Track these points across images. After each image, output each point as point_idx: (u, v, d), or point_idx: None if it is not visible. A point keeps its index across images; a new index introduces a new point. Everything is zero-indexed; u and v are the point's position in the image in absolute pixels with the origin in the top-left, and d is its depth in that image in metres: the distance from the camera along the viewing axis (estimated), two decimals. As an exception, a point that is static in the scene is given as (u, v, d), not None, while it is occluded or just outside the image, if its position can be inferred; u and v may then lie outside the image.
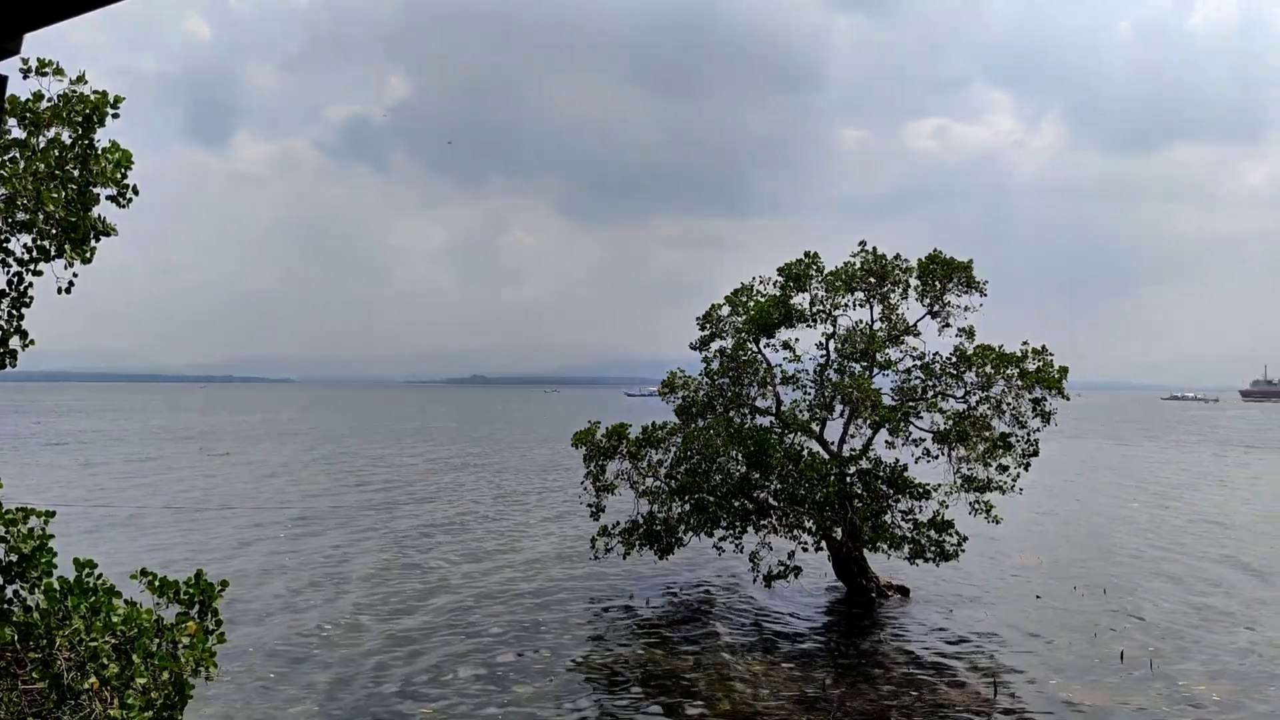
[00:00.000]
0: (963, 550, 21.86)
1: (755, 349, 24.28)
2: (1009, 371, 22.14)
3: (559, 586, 23.77)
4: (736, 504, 21.92)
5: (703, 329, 25.00)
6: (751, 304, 24.37)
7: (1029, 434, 22.09)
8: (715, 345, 24.84)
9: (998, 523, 21.85)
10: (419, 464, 58.19)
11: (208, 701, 14.55)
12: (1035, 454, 22.23)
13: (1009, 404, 22.19)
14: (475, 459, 62.08)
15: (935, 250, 23.78)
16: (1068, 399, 22.21)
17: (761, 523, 22.01)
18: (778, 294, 24.22)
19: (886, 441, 22.27)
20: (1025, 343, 22.43)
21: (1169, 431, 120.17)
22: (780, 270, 24.39)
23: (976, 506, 21.74)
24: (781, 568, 21.49)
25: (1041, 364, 22.06)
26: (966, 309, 23.50)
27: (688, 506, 21.95)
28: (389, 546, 29.10)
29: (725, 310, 24.86)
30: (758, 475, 21.78)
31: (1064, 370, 21.97)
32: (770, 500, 22.01)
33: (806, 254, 24.44)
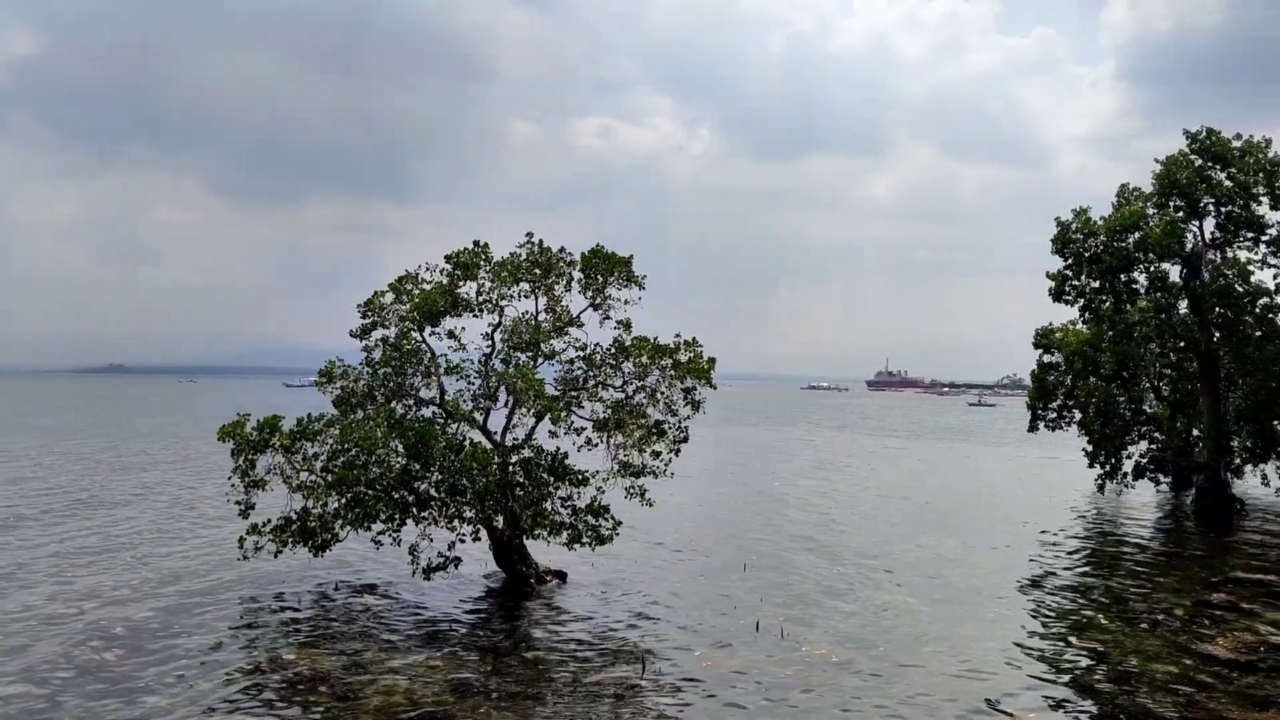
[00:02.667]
0: (618, 534, 22.73)
1: (420, 338, 23.93)
2: (663, 362, 23.27)
3: (203, 589, 22.25)
4: (396, 496, 21.46)
5: (364, 317, 24.33)
6: (417, 292, 23.99)
7: (680, 421, 23.40)
8: (378, 334, 24.26)
9: (651, 505, 22.91)
10: (43, 460, 52.39)
11: None
12: (686, 440, 23.59)
13: (663, 393, 23.36)
14: (105, 455, 56.82)
15: (598, 245, 24.48)
16: (715, 388, 23.77)
17: (422, 515, 21.70)
18: (444, 282, 24.01)
19: (550, 431, 22.66)
20: (678, 335, 23.67)
21: (808, 417, 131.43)
22: (448, 259, 24.21)
23: (632, 491, 22.73)
24: (442, 559, 21.30)
25: (692, 355, 23.36)
26: (626, 302, 24.43)
27: (345, 501, 21.23)
28: None
29: (389, 298, 24.35)
30: (419, 467, 21.45)
31: (712, 361, 23.42)
32: (431, 492, 21.76)
33: (475, 243, 24.41)
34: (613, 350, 23.87)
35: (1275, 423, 39.29)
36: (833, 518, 35.61)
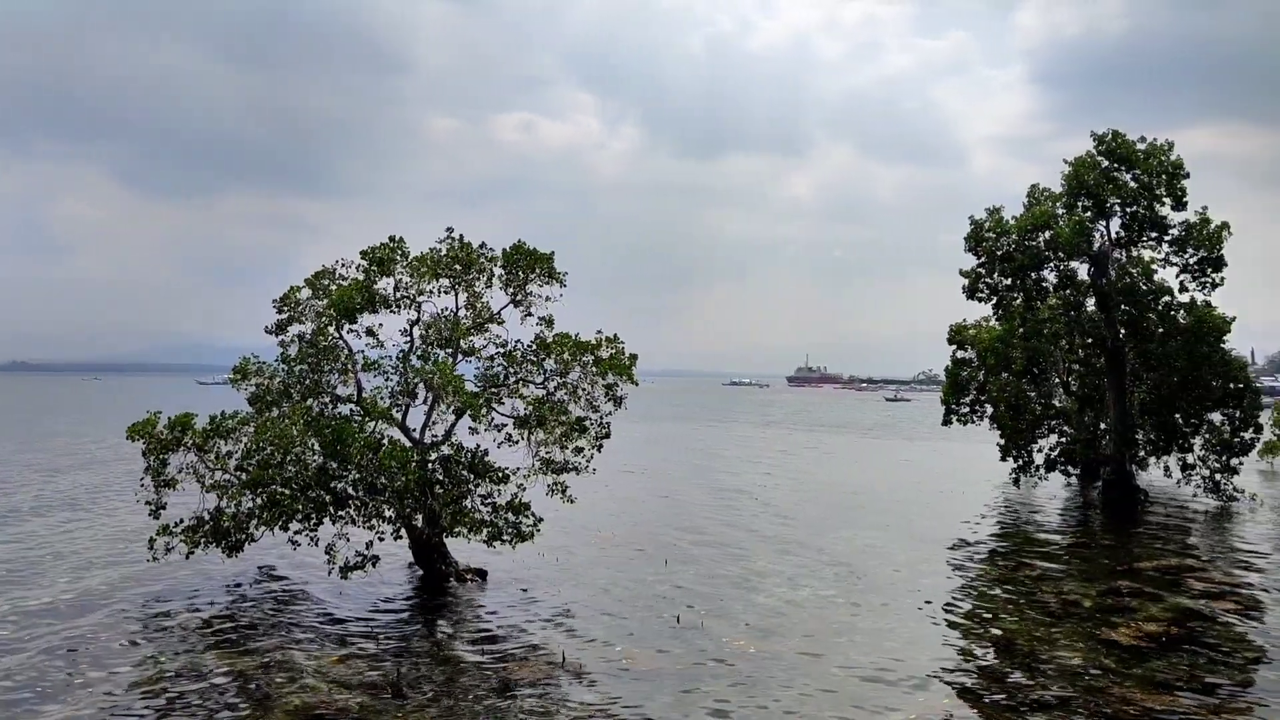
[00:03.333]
0: (539, 531, 22.67)
1: (337, 334, 23.58)
2: (585, 359, 23.25)
3: (112, 593, 21.65)
4: (313, 495, 21.12)
5: (280, 313, 23.91)
6: (334, 288, 23.62)
7: (602, 418, 23.42)
8: (294, 330, 23.86)
9: (573, 502, 22.90)
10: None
11: None
12: (608, 436, 23.61)
13: (584, 389, 23.35)
14: (19, 457, 54.93)
15: (520, 241, 24.36)
16: (637, 384, 23.83)
17: (339, 514, 21.40)
18: (361, 278, 23.69)
19: (470, 428, 22.49)
20: (600, 331, 23.67)
21: (730, 413, 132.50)
22: (364, 254, 23.88)
23: (554, 488, 22.71)
24: (360, 558, 21.02)
25: (614, 352, 23.39)
26: (548, 299, 24.36)
27: (260, 500, 20.83)
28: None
29: (305, 293, 23.96)
30: (336, 465, 21.13)
31: (634, 358, 23.48)
32: (349, 490, 21.46)
33: (391, 238, 24.12)
34: (534, 347, 23.78)
35: (1176, 416, 40.69)
36: (755, 512, 35.99)
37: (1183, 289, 39.97)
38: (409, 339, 23.77)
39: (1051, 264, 39.96)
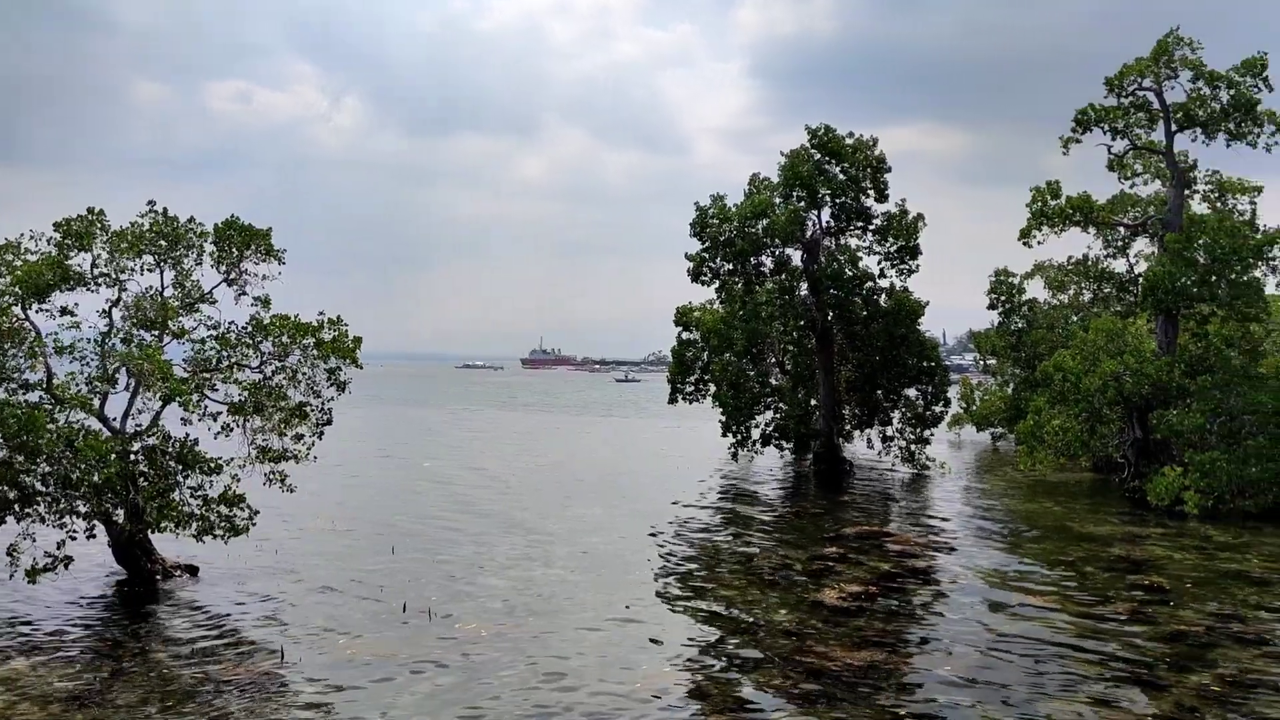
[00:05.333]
0: (255, 523, 21.57)
1: (23, 315, 21.35)
2: (305, 341, 22.23)
3: None
4: (-8, 492, 19.07)
5: (-44, 291, 21.37)
6: (19, 263, 21.35)
7: (324, 403, 22.51)
8: (-33, 310, 21.38)
9: (292, 491, 21.96)
10: None
11: None
12: (330, 422, 22.73)
13: (305, 374, 22.34)
14: None
15: (233, 216, 22.97)
16: (361, 368, 23.00)
17: (25, 511, 19.45)
18: (53, 253, 21.55)
19: (181, 417, 21.03)
20: (322, 313, 22.70)
21: (462, 396, 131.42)
22: (56, 226, 21.72)
23: (272, 477, 21.66)
24: (50, 560, 19.19)
25: (337, 334, 22.49)
26: (265, 277, 23.10)
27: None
28: None
29: (-18, 270, 21.52)
30: (22, 459, 19.18)
31: (358, 340, 22.66)
32: (38, 485, 19.54)
33: (90, 210, 22.10)
34: (250, 329, 22.49)
35: (878, 392, 44.13)
36: (486, 494, 35.88)
37: (883, 275, 43.39)
38: (109, 320, 21.90)
39: (769, 250, 42.23)
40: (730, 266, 42.58)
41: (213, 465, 21.06)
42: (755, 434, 45.59)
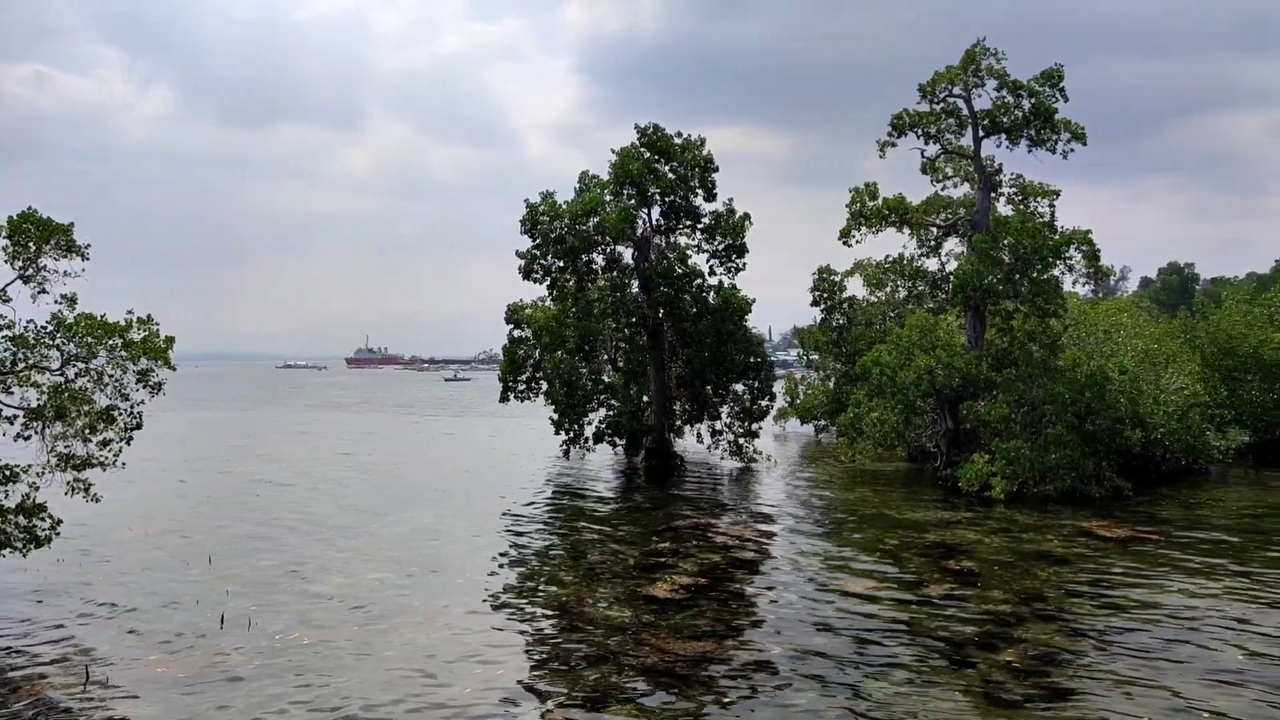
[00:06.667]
0: (58, 534, 20.19)
1: None
2: (112, 342, 20.94)
3: None
4: None
5: None
6: None
7: (133, 407, 21.25)
8: None
9: (99, 501, 20.66)
10: None
11: None
12: (140, 427, 21.47)
13: (112, 375, 21.04)
14: None
15: (30, 208, 21.41)
16: (175, 369, 21.81)
17: None
18: None
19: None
20: (130, 311, 21.43)
21: (285, 397, 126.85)
22: None
23: (75, 486, 20.30)
24: None
25: (148, 334, 21.28)
26: (67, 274, 21.62)
27: None
28: None
29: None
30: None
31: (170, 340, 21.49)
32: None
33: None
34: (50, 329, 21.02)
35: (708, 388, 45.00)
36: (310, 499, 34.68)
37: (712, 273, 44.31)
38: (-117, 320, 20.07)
39: (601, 247, 42.43)
40: (562, 264, 42.54)
41: (9, 473, 19.61)
42: (588, 431, 45.75)
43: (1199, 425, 39.02)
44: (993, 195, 41.12)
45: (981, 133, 39.25)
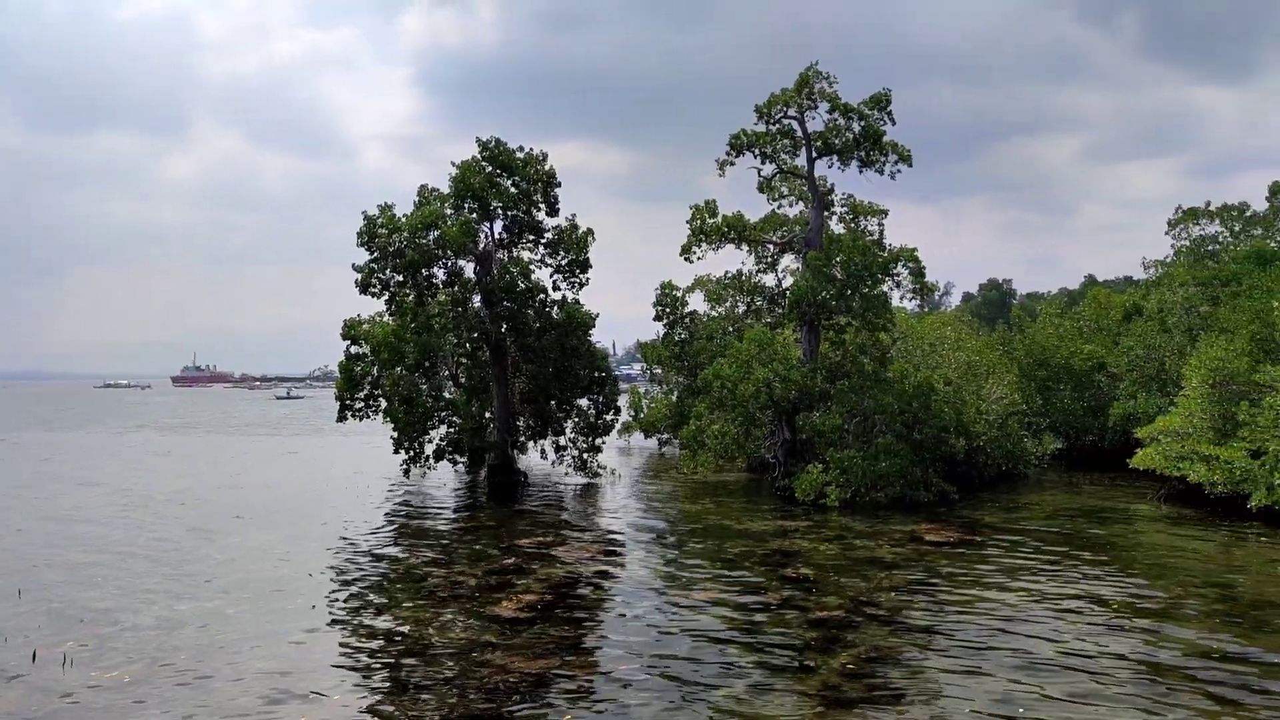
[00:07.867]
0: None
1: None
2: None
3: None
4: None
5: None
6: None
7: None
8: None
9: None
10: None
11: None
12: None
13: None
14: None
15: None
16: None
17: None
18: None
19: None
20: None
21: (104, 418, 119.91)
22: None
23: None
24: None
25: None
26: None
27: None
28: None
29: None
30: None
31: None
32: None
33: None
34: None
35: (552, 403, 44.87)
36: (132, 527, 32.70)
37: (556, 288, 44.27)
38: None
39: (441, 261, 41.80)
40: (401, 278, 41.68)
41: None
42: (429, 449, 44.93)
43: (1017, 433, 41.42)
44: (825, 214, 42.59)
45: (815, 153, 40.64)
